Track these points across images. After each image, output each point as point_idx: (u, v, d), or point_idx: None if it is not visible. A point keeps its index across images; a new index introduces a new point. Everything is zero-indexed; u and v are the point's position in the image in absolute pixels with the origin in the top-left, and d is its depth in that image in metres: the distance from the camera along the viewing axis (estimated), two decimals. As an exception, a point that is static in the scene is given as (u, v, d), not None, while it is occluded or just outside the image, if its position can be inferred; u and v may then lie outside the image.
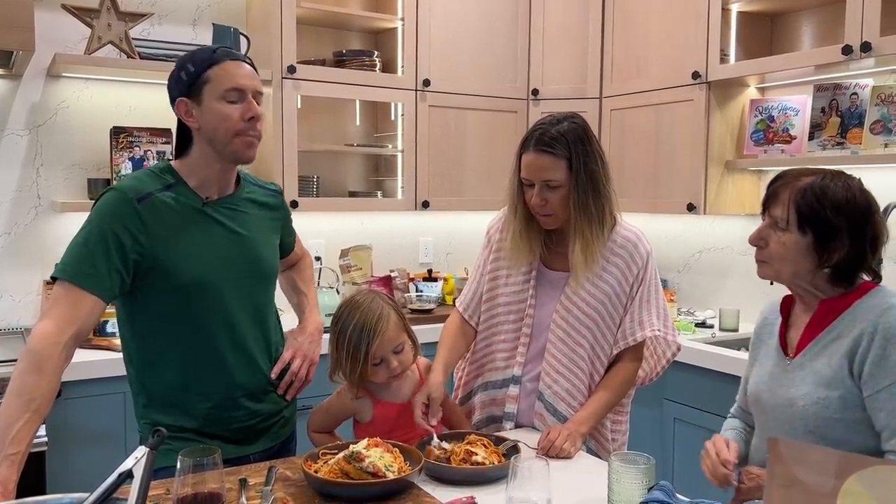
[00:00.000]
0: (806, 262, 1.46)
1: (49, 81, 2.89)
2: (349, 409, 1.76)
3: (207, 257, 1.61)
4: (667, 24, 3.15)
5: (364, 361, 1.66)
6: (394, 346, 1.69)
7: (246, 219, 1.70)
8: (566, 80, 3.49)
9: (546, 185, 1.74)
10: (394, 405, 1.76)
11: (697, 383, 2.71)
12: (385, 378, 1.71)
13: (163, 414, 1.62)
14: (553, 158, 1.72)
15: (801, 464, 0.90)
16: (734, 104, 3.08)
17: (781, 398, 1.50)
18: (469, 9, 3.39)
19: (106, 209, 1.54)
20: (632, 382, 1.87)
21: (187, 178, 1.63)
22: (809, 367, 1.47)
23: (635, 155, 3.31)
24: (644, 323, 1.81)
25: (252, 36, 3.06)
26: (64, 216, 2.89)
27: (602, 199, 1.77)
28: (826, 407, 1.42)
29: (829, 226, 1.42)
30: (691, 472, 2.80)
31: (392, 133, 3.48)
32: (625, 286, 1.82)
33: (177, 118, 1.63)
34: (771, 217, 1.49)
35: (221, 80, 1.56)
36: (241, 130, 1.58)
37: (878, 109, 2.64)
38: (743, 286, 3.21)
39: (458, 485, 1.48)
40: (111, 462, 1.74)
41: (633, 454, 1.39)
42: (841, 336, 1.45)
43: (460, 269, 3.65)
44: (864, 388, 1.40)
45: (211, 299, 1.61)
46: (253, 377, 1.69)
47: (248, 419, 1.69)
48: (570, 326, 1.81)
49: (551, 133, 1.73)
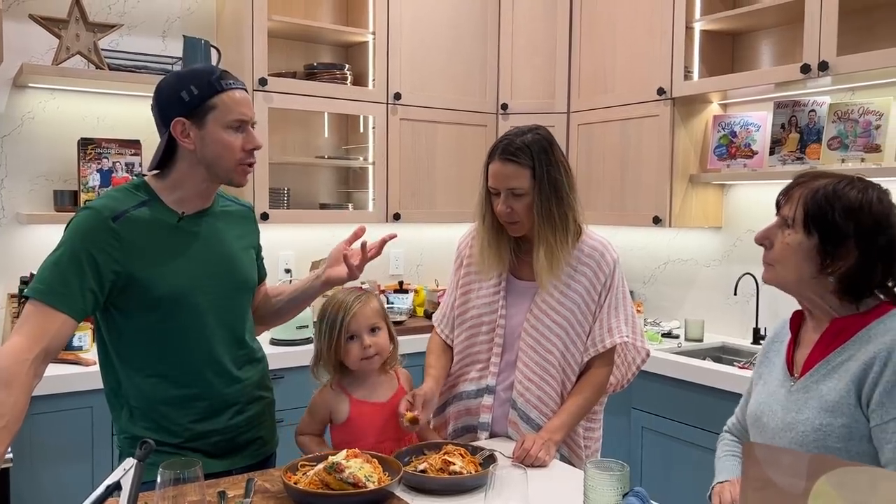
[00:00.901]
0: (808, 266, 1.36)
1: (15, 92, 2.85)
2: (328, 403, 1.76)
3: (184, 271, 1.62)
4: (633, 41, 3.23)
5: (339, 335, 1.71)
6: (369, 325, 1.74)
7: (222, 232, 1.72)
8: (535, 95, 3.55)
9: (511, 193, 1.80)
10: (369, 405, 1.76)
11: (664, 392, 2.77)
12: (358, 359, 1.72)
13: (143, 429, 1.61)
14: (517, 167, 1.79)
15: (774, 466, 0.94)
16: (698, 120, 3.17)
17: (782, 421, 1.39)
18: (439, 24, 3.43)
19: (80, 228, 1.55)
20: (603, 388, 1.91)
21: (164, 193, 1.65)
22: (815, 389, 1.36)
23: (602, 169, 3.38)
24: (613, 330, 1.86)
25: (223, 48, 3.05)
26: (29, 228, 2.85)
27: (565, 207, 1.83)
28: (828, 435, 1.31)
29: (836, 230, 1.33)
30: (659, 480, 2.86)
31: (361, 145, 3.50)
32: (593, 294, 1.86)
33: (165, 134, 1.62)
34: (781, 216, 1.41)
35: (228, 109, 1.59)
36: (242, 159, 1.63)
37: (835, 126, 2.74)
38: (707, 297, 3.29)
39: (437, 494, 1.50)
40: (78, 478, 1.72)
41: (608, 461, 1.42)
42: (851, 359, 1.33)
43: (431, 281, 3.68)
44: (872, 418, 1.28)
45: (189, 312, 1.62)
46: (232, 388, 1.69)
47: (228, 432, 1.69)
48: (539, 335, 1.85)
49: (516, 143, 1.80)
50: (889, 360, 1.28)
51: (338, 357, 1.74)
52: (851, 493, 0.89)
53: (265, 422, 1.80)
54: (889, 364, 1.28)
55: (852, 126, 2.69)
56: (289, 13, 3.21)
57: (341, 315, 1.72)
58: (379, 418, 1.74)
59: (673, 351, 2.93)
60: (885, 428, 1.27)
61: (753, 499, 0.94)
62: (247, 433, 1.73)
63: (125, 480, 1.07)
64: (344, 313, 1.72)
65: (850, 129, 2.69)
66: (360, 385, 1.77)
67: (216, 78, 1.60)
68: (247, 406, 1.73)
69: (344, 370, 1.77)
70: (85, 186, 2.82)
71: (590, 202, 3.34)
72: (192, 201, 1.67)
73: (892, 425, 1.26)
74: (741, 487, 0.98)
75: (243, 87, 1.65)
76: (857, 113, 2.68)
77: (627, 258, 3.63)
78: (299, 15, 3.31)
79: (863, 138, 2.66)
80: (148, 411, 1.62)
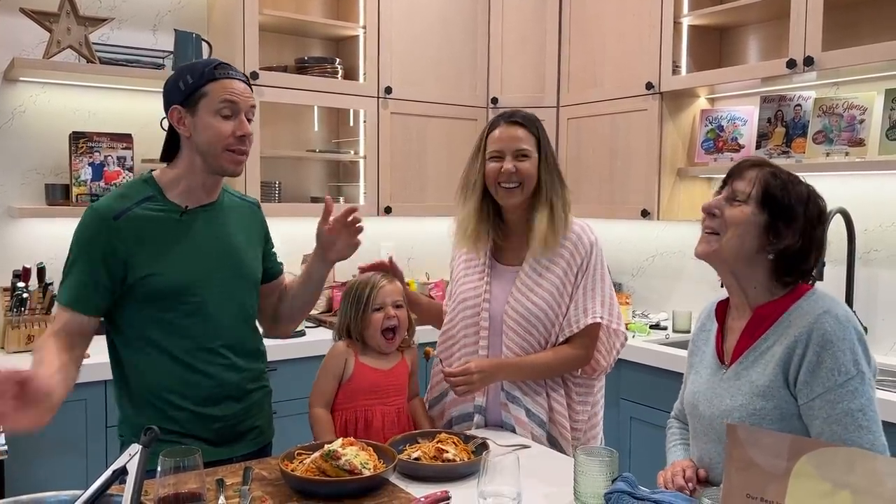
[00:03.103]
0: (752, 240, 1.43)
1: (5, 85, 2.85)
2: (339, 354, 1.87)
3: (188, 264, 1.65)
4: (621, 36, 3.27)
5: (366, 305, 1.86)
6: (393, 300, 1.88)
7: (227, 226, 1.75)
8: (524, 89, 3.58)
9: (519, 154, 1.86)
10: (372, 370, 1.87)
11: (652, 383, 2.81)
12: (379, 329, 1.85)
13: (147, 417, 1.64)
14: (525, 130, 1.88)
15: (756, 447, 0.97)
16: (686, 114, 3.21)
17: (717, 409, 1.47)
18: (430, 18, 3.45)
19: (83, 232, 1.64)
20: (571, 365, 1.89)
21: (169, 187, 1.69)
22: (745, 376, 1.44)
23: (591, 162, 3.41)
24: (588, 311, 1.87)
25: (214, 42, 3.06)
26: (21, 222, 2.85)
27: (563, 186, 1.91)
28: (762, 418, 1.40)
29: (790, 210, 1.42)
30: (648, 469, 2.89)
31: (351, 139, 3.52)
32: (570, 276, 1.89)
33: (168, 125, 1.69)
34: (732, 189, 1.47)
35: (218, 95, 1.63)
36: (231, 145, 1.65)
37: (820, 120, 2.78)
38: (695, 289, 3.33)
39: (431, 481, 1.53)
40: (73, 470, 1.74)
41: (598, 448, 1.46)
42: (776, 344, 1.42)
43: (422, 275, 3.70)
44: (800, 396, 1.37)
45: (192, 303, 1.65)
46: (231, 376, 1.72)
47: (229, 419, 1.72)
48: (521, 318, 1.88)
49: (521, 113, 1.91)
50: (809, 342, 1.37)
51: (361, 328, 1.86)
52: (830, 472, 0.92)
53: (263, 411, 1.83)
54: (810, 346, 1.37)
55: (837, 120, 2.73)
56: (280, 7, 3.22)
57: (369, 289, 1.88)
58: (379, 382, 1.86)
59: (661, 342, 2.97)
60: (812, 405, 1.36)
61: (737, 478, 0.98)
62: (246, 421, 1.76)
63: (131, 466, 1.09)
64: (371, 287, 1.88)
65: (835, 123, 2.74)
66: (366, 354, 1.88)
67: (211, 68, 1.65)
68: (246, 395, 1.76)
69: (362, 345, 1.88)
70: (77, 180, 2.82)
71: (579, 195, 3.37)
72: (195, 195, 1.70)
73: (817, 402, 1.36)
74: (725, 468, 1.01)
75: (241, 78, 1.68)
76: (842, 107, 2.72)
77: (616, 251, 3.67)
78: (290, 9, 3.32)
79: (847, 132, 2.70)
80: (152, 399, 1.66)
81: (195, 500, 1.25)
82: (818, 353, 1.35)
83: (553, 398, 1.90)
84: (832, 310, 1.39)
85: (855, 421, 1.33)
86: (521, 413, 1.88)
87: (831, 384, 1.34)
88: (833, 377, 1.34)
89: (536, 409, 1.88)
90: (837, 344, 1.35)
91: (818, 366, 1.35)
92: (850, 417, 1.33)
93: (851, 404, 1.33)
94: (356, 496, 1.43)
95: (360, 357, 1.87)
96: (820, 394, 1.35)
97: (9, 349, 2.61)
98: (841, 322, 1.37)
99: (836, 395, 1.34)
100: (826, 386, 1.34)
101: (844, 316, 1.39)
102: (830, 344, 1.35)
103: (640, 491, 1.37)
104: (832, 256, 2.78)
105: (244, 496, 1.40)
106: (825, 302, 1.42)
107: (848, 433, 1.33)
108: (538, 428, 1.87)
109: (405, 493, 1.47)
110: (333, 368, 1.86)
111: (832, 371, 1.34)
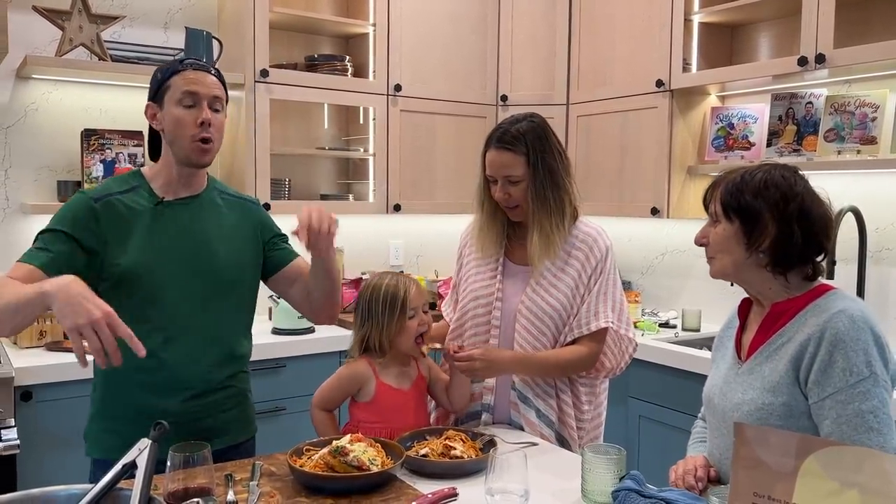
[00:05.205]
0: (738, 249, 1.46)
1: (18, 83, 2.87)
2: (360, 377, 1.79)
3: (149, 250, 1.67)
4: (631, 33, 3.25)
5: (402, 311, 1.76)
6: (424, 302, 1.82)
7: (204, 221, 1.75)
8: (534, 87, 3.57)
9: (507, 181, 1.86)
10: (394, 390, 1.81)
11: (661, 381, 2.81)
12: (413, 336, 1.79)
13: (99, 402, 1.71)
14: (513, 155, 1.85)
15: (764, 445, 0.97)
16: (696, 112, 3.20)
17: (729, 402, 1.49)
18: (440, 16, 3.45)
19: (66, 206, 1.68)
20: (578, 364, 1.90)
21: (154, 180, 1.74)
22: (758, 371, 1.46)
23: (601, 160, 3.41)
24: (599, 314, 1.88)
25: (224, 40, 3.07)
26: (33, 218, 2.87)
27: (561, 191, 1.88)
28: (770, 413, 1.40)
29: (751, 209, 1.44)
30: (657, 468, 2.89)
31: (361, 136, 3.52)
32: (584, 278, 1.90)
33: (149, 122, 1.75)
34: (709, 214, 1.55)
35: (179, 85, 1.67)
36: (195, 135, 1.68)
37: (831, 118, 2.76)
38: (704, 287, 3.32)
39: (439, 478, 1.54)
40: (84, 465, 1.75)
41: (605, 446, 1.46)
42: (790, 341, 1.42)
43: (431, 272, 3.71)
44: (810, 395, 1.37)
45: (149, 289, 1.65)
46: (188, 370, 1.69)
47: (183, 415, 1.67)
48: (534, 317, 1.88)
49: (511, 132, 1.86)
50: (822, 341, 1.36)
51: (393, 334, 1.78)
52: (838, 471, 0.92)
53: (229, 411, 1.77)
54: (822, 344, 1.36)
55: (849, 118, 2.72)
56: (290, 5, 3.23)
57: (402, 292, 1.78)
58: (401, 405, 1.80)
59: (670, 340, 2.97)
60: (822, 405, 1.36)
61: (745, 477, 0.98)
62: (205, 419, 1.71)
63: (140, 460, 1.10)
64: (405, 291, 1.78)
65: (847, 121, 2.72)
66: (386, 370, 1.81)
67: (177, 61, 1.70)
68: (207, 393, 1.72)
69: (381, 354, 1.80)
70: (88, 177, 2.84)
71: (588, 193, 3.37)
72: (172, 188, 1.74)
73: (828, 402, 1.35)
74: (732, 466, 1.01)
75: (206, 69, 1.71)
76: (854, 105, 2.70)
77: (625, 249, 3.66)
78: (300, 6, 3.33)
79: (859, 130, 2.69)
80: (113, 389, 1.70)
81: (204, 494, 1.26)
82: (830, 351, 1.35)
83: (562, 399, 1.91)
84: (848, 309, 1.38)
85: (865, 423, 1.32)
86: (531, 414, 1.88)
87: (843, 384, 1.33)
88: (845, 377, 1.33)
89: (547, 411, 1.89)
90: (850, 344, 1.34)
91: (830, 365, 1.35)
92: (860, 419, 1.32)
93: (863, 406, 1.33)
94: (364, 492, 1.43)
95: (380, 377, 1.80)
96: (831, 394, 1.34)
97: (21, 345, 2.63)
98: (855, 322, 1.36)
99: (847, 395, 1.33)
100: (837, 386, 1.34)
101: (861, 316, 1.37)
102: (843, 343, 1.34)
103: (648, 489, 1.37)
104: (843, 255, 2.76)
105: (252, 491, 1.41)
106: (843, 302, 1.41)
107: (858, 434, 1.32)
108: (547, 428, 1.88)
109: (413, 490, 1.47)
110: (349, 387, 1.81)
111: (844, 371, 1.34)
